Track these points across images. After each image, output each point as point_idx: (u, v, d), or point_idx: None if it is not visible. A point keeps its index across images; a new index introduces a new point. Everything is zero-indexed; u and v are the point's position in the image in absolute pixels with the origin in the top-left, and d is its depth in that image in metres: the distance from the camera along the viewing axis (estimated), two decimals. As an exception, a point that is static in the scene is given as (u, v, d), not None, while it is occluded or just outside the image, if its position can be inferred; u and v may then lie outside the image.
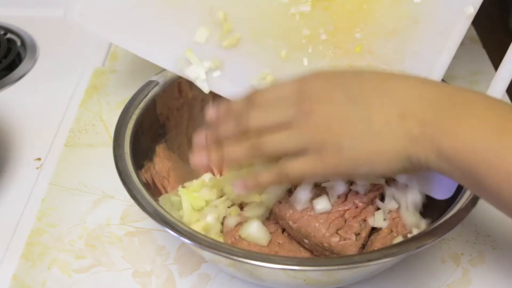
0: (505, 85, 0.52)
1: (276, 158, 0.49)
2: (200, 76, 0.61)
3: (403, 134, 0.44)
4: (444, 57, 0.57)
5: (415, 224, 0.54)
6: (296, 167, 0.48)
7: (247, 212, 0.57)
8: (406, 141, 0.44)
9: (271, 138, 0.48)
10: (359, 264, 0.46)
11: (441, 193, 0.53)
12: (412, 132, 0.44)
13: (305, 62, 0.59)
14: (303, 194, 0.53)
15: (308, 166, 0.47)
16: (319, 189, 0.54)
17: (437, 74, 0.57)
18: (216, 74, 0.61)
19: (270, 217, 0.57)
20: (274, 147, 0.48)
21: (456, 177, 0.45)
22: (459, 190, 0.52)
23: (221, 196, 0.60)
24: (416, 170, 0.46)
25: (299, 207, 0.53)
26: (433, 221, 0.51)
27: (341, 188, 0.53)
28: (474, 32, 0.87)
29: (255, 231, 0.55)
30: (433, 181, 0.53)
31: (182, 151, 0.65)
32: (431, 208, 0.57)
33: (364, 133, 0.45)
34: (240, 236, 0.55)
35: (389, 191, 0.55)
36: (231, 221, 0.57)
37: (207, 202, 0.60)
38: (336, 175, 0.50)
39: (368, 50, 0.58)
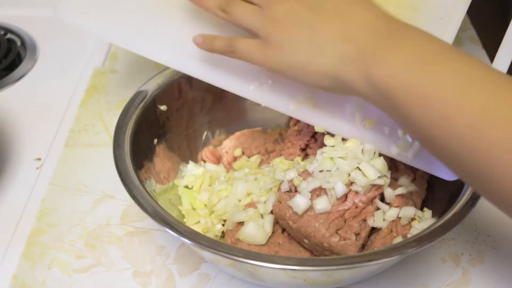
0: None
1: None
2: None
3: (339, 54, 0.48)
4: (446, 40, 0.55)
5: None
6: (242, 45, 0.52)
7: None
8: (339, 61, 0.48)
9: (239, 5, 0.52)
10: (359, 264, 0.47)
11: (448, 173, 0.53)
12: (348, 56, 0.47)
13: None
14: (302, 202, 0.53)
15: (251, 49, 0.51)
16: (319, 190, 0.54)
17: None
18: None
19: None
20: (236, 15, 0.52)
21: (377, 103, 0.47)
22: (460, 189, 0.52)
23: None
24: (342, 91, 0.49)
25: (300, 212, 0.53)
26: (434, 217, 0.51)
27: (340, 188, 0.53)
28: (474, 32, 0.87)
29: (251, 230, 0.55)
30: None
31: (182, 151, 0.65)
32: (431, 207, 0.57)
33: (306, 41, 0.49)
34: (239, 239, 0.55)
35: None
36: (231, 222, 0.57)
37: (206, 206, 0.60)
38: (270, 69, 0.53)
39: None
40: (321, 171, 0.54)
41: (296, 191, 0.55)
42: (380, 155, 0.54)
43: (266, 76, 0.57)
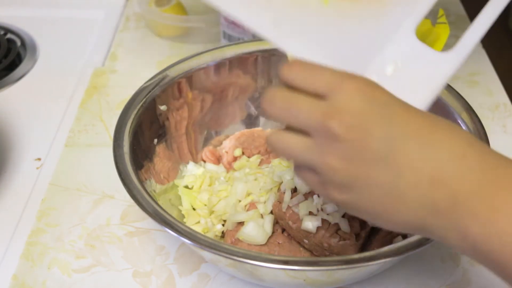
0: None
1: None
2: None
3: (428, 204, 0.38)
4: None
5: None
6: (306, 179, 0.42)
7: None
8: (428, 212, 0.39)
9: (285, 137, 0.41)
10: (359, 264, 0.47)
11: None
12: (439, 205, 0.38)
13: None
14: (310, 224, 0.53)
15: (314, 185, 0.42)
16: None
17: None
18: None
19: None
20: (281, 147, 0.41)
21: (481, 262, 0.39)
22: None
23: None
24: (431, 238, 0.42)
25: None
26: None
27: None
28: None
29: (251, 230, 0.55)
30: None
31: (182, 151, 0.65)
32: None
33: (385, 187, 0.39)
34: (239, 239, 0.55)
35: None
36: (231, 222, 0.57)
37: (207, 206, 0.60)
38: (338, 206, 0.46)
39: None
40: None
41: (295, 191, 0.55)
42: None
43: None
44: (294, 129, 0.41)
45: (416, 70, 0.47)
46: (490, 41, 0.85)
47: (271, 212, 0.57)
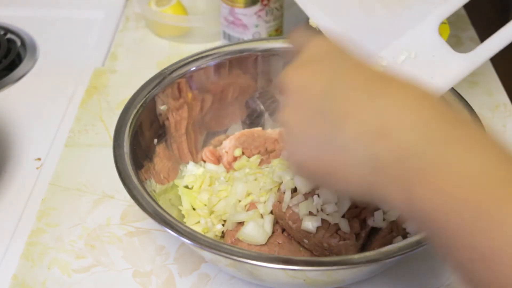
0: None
1: None
2: None
3: (372, 157, 0.35)
4: None
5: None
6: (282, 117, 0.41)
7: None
8: (372, 167, 0.35)
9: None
10: (359, 264, 0.47)
11: None
12: (382, 159, 0.34)
13: None
14: (310, 224, 0.53)
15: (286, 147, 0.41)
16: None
17: None
18: None
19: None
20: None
21: (426, 232, 0.35)
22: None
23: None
24: (381, 205, 0.39)
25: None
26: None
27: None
28: (474, 32, 0.87)
29: (251, 230, 0.55)
30: None
31: (182, 151, 0.65)
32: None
33: (330, 138, 0.37)
34: (239, 239, 0.55)
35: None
36: (231, 222, 0.57)
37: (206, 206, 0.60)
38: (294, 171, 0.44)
39: None
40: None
41: (295, 191, 0.55)
42: None
43: None
44: None
45: (428, 64, 0.47)
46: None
47: (271, 212, 0.57)
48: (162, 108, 0.63)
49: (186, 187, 0.63)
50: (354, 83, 0.37)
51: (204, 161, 0.66)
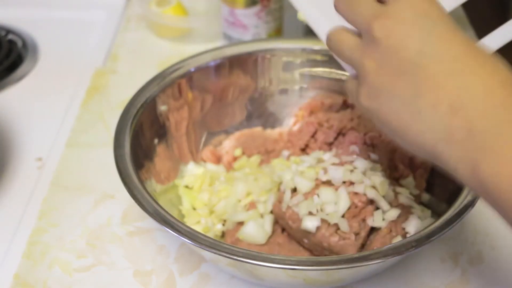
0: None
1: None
2: None
3: (443, 129, 0.38)
4: None
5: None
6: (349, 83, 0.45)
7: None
8: (442, 138, 0.38)
9: (340, 33, 0.44)
10: (359, 264, 0.47)
11: None
12: (453, 133, 0.38)
13: None
14: (310, 223, 0.53)
15: (349, 85, 0.44)
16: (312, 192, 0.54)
17: None
18: None
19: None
20: (334, 41, 0.45)
21: (485, 200, 0.38)
22: (459, 189, 0.52)
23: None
24: (442, 168, 0.40)
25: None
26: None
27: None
28: (473, 33, 0.87)
29: (251, 230, 0.55)
30: None
31: (182, 151, 0.65)
32: (430, 207, 0.57)
33: (405, 101, 0.40)
34: (238, 239, 0.56)
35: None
36: (231, 221, 0.57)
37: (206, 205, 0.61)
38: (363, 115, 0.46)
39: None
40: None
41: (295, 191, 0.55)
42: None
43: None
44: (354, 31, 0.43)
45: None
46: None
47: (271, 212, 0.57)
48: (162, 108, 0.63)
49: (187, 187, 0.63)
50: (443, 54, 0.39)
51: (204, 161, 0.66)
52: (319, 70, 0.68)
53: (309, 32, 0.87)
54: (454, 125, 0.38)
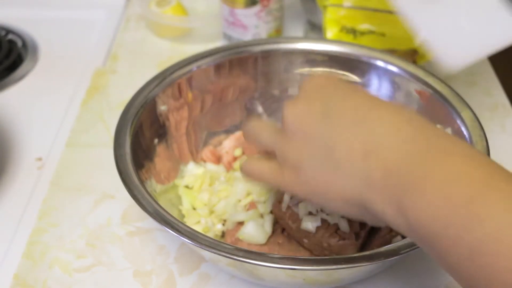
0: None
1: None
2: None
3: (363, 175, 0.38)
4: None
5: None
6: (255, 165, 0.47)
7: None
8: (363, 185, 0.38)
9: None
10: (359, 264, 0.47)
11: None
12: (371, 175, 0.38)
13: None
14: (310, 223, 0.53)
15: (265, 170, 0.45)
16: None
17: None
18: None
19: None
20: (253, 133, 0.47)
21: (416, 242, 0.38)
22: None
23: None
24: (375, 222, 0.41)
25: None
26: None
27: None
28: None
29: (251, 230, 0.55)
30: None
31: (182, 151, 0.65)
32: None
33: (323, 160, 0.40)
34: (238, 239, 0.56)
35: None
36: (231, 221, 0.57)
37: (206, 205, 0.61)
38: (296, 195, 0.48)
39: None
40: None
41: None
42: None
43: None
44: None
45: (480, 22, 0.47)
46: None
47: (271, 212, 0.57)
48: (162, 108, 0.63)
49: (187, 187, 0.63)
50: (344, 111, 0.41)
51: (205, 161, 0.66)
52: (319, 70, 0.68)
53: (309, 32, 0.87)
54: (370, 167, 0.38)
